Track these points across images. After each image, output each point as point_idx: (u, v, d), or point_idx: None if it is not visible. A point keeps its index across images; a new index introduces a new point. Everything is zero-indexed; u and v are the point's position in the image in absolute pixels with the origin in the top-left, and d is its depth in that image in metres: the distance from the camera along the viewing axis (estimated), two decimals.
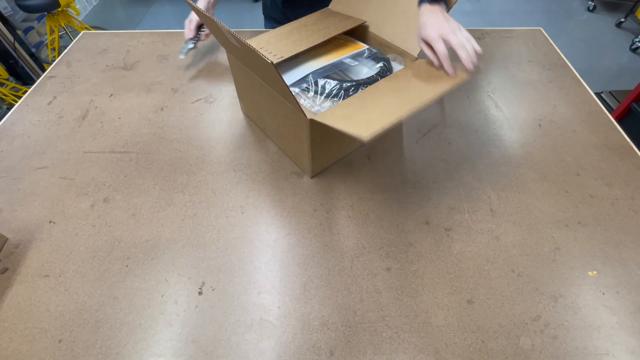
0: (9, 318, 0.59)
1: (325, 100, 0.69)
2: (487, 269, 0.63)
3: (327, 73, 0.73)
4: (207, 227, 0.69)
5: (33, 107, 0.95)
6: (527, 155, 0.81)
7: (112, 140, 0.86)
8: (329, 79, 0.71)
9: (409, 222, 0.70)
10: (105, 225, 0.70)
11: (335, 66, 0.75)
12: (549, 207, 0.72)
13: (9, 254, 0.66)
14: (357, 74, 0.75)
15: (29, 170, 0.80)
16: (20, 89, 2.12)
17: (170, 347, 0.55)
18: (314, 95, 0.70)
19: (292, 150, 0.77)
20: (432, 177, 0.77)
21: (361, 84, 0.70)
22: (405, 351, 0.55)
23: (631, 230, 0.68)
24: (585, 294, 0.60)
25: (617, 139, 0.84)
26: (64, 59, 1.10)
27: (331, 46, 0.80)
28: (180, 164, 0.80)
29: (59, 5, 2.07)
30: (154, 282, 0.62)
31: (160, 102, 0.95)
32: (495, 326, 0.57)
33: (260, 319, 0.58)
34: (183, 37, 1.01)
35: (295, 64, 0.76)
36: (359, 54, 0.78)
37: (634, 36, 2.63)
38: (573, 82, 0.98)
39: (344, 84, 0.69)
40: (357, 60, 0.77)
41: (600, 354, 0.54)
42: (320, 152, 0.72)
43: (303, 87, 0.71)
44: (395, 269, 0.63)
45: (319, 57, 0.77)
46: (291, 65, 0.76)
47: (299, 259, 0.65)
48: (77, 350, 0.55)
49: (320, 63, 0.75)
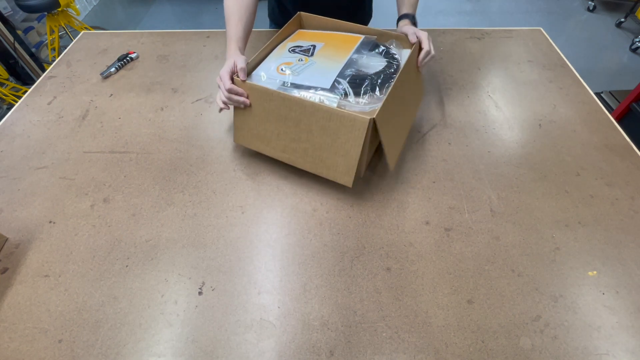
0: (9, 318, 0.59)
1: (360, 98, 0.69)
2: (487, 269, 0.63)
3: (349, 73, 0.72)
4: (207, 227, 0.69)
5: (33, 107, 0.95)
6: (527, 155, 0.81)
7: (112, 140, 0.86)
8: (354, 77, 0.71)
9: (409, 222, 0.70)
10: (105, 225, 0.70)
11: (351, 64, 0.74)
12: (549, 207, 0.72)
13: (9, 254, 0.66)
14: (370, 67, 0.75)
15: (29, 170, 0.80)
16: (20, 89, 2.12)
17: (170, 347, 0.55)
18: (345, 97, 0.69)
19: (328, 164, 0.70)
20: (432, 177, 0.77)
21: (388, 76, 0.71)
22: (405, 351, 0.55)
23: (631, 230, 0.68)
24: (585, 294, 0.60)
25: (617, 139, 0.84)
26: (64, 59, 1.10)
27: (332, 45, 0.80)
28: (180, 164, 0.80)
29: (59, 5, 2.07)
30: (154, 282, 0.62)
31: (160, 102, 0.95)
32: (495, 326, 0.57)
33: (260, 319, 0.58)
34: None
35: (312, 68, 0.75)
36: (362, 46, 0.78)
37: (634, 36, 2.63)
38: (573, 82, 0.98)
39: (373, 79, 0.70)
40: (362, 53, 0.77)
41: (600, 354, 0.54)
42: (363, 157, 0.68)
43: (340, 92, 0.69)
44: (395, 269, 0.63)
45: (329, 57, 0.77)
46: (312, 71, 0.74)
47: (299, 259, 0.65)
48: (77, 350, 0.55)
49: (336, 64, 0.74)
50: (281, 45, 0.83)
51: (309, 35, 0.86)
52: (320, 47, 0.80)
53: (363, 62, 0.76)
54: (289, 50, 0.79)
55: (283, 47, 0.81)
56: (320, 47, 0.80)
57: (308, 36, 0.85)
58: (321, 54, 0.78)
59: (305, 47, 0.80)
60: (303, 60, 0.76)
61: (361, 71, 0.74)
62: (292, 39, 0.85)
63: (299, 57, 0.77)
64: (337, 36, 0.84)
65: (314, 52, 0.78)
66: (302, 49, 0.80)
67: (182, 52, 1.10)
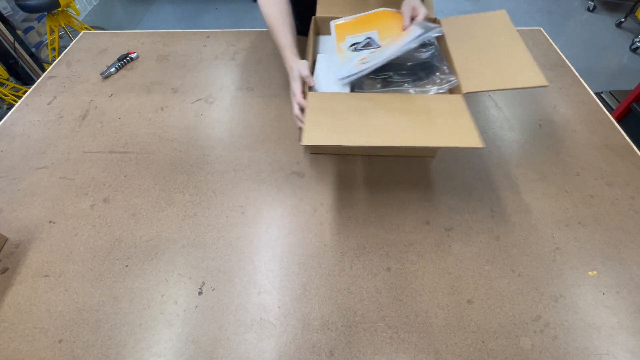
0: (9, 318, 0.59)
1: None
2: (487, 269, 0.63)
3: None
4: (207, 227, 0.69)
5: (33, 107, 0.95)
6: (527, 155, 0.81)
7: (112, 140, 0.86)
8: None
9: (409, 222, 0.70)
10: (105, 225, 0.70)
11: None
12: (549, 207, 0.72)
13: (9, 254, 0.66)
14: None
15: (29, 170, 0.80)
16: (20, 89, 2.12)
17: (170, 347, 0.55)
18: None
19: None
20: (432, 177, 0.77)
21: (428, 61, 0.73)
22: (405, 351, 0.55)
23: (631, 230, 0.68)
24: (585, 294, 0.60)
25: (617, 139, 0.84)
26: (64, 59, 1.10)
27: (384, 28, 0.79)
28: (180, 164, 0.80)
29: (59, 5, 2.06)
30: (154, 282, 0.62)
31: (160, 102, 0.95)
32: (495, 326, 0.57)
33: (260, 319, 0.58)
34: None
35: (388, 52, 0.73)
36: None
37: (634, 36, 2.63)
38: (573, 82, 0.98)
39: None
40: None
41: (600, 354, 0.54)
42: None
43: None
44: (395, 269, 0.63)
45: (394, 39, 0.75)
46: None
47: (299, 259, 0.65)
48: (77, 350, 0.55)
49: (404, 40, 0.72)
50: (337, 50, 0.78)
51: (350, 25, 0.82)
52: (376, 35, 0.77)
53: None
54: (351, 51, 0.76)
55: (341, 51, 0.77)
56: (375, 35, 0.78)
57: (350, 27, 0.81)
58: (385, 40, 0.75)
59: (363, 42, 0.77)
60: (375, 52, 0.73)
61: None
62: (339, 37, 0.80)
63: (369, 50, 0.74)
64: (375, 16, 0.81)
65: (376, 42, 0.76)
66: (363, 45, 0.76)
67: (182, 52, 1.10)
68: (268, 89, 0.97)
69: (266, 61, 1.06)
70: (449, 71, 0.73)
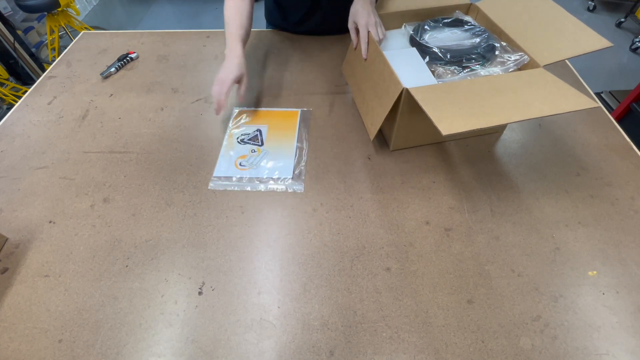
0: (9, 318, 0.59)
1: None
2: (487, 269, 0.63)
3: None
4: (207, 227, 0.69)
5: (33, 107, 0.95)
6: (527, 155, 0.81)
7: (112, 140, 0.86)
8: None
9: (409, 222, 0.70)
10: (105, 225, 0.70)
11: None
12: (549, 207, 0.72)
13: (9, 254, 0.66)
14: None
15: (29, 170, 0.80)
16: (20, 89, 2.12)
17: (170, 347, 0.55)
18: None
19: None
20: (432, 177, 0.77)
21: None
22: (405, 351, 0.55)
23: (631, 230, 0.68)
24: (585, 294, 0.60)
25: (617, 139, 0.84)
26: (64, 59, 1.10)
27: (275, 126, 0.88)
28: (180, 164, 0.80)
29: (59, 5, 2.07)
30: (154, 282, 0.62)
31: (160, 102, 0.95)
32: (495, 326, 0.57)
33: (260, 319, 0.58)
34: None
35: (267, 158, 0.81)
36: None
37: (634, 36, 2.63)
38: (573, 82, 0.98)
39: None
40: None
41: (600, 354, 0.54)
42: None
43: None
44: (395, 269, 0.63)
45: (280, 143, 0.84)
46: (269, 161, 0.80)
47: (299, 259, 0.65)
48: (77, 350, 0.55)
49: (288, 150, 0.82)
50: (228, 134, 0.86)
51: (249, 114, 0.90)
52: (266, 130, 0.86)
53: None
54: (238, 142, 0.84)
55: (231, 137, 0.85)
56: (265, 130, 0.86)
57: (248, 117, 0.90)
58: (271, 140, 0.84)
59: (252, 135, 0.85)
60: (256, 151, 0.82)
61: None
62: (235, 124, 0.88)
63: (251, 147, 0.82)
64: (276, 114, 0.90)
65: (262, 139, 0.84)
66: (250, 137, 0.84)
67: (182, 52, 1.10)
68: (268, 89, 0.97)
69: (266, 61, 1.06)
70: (511, 49, 0.75)
